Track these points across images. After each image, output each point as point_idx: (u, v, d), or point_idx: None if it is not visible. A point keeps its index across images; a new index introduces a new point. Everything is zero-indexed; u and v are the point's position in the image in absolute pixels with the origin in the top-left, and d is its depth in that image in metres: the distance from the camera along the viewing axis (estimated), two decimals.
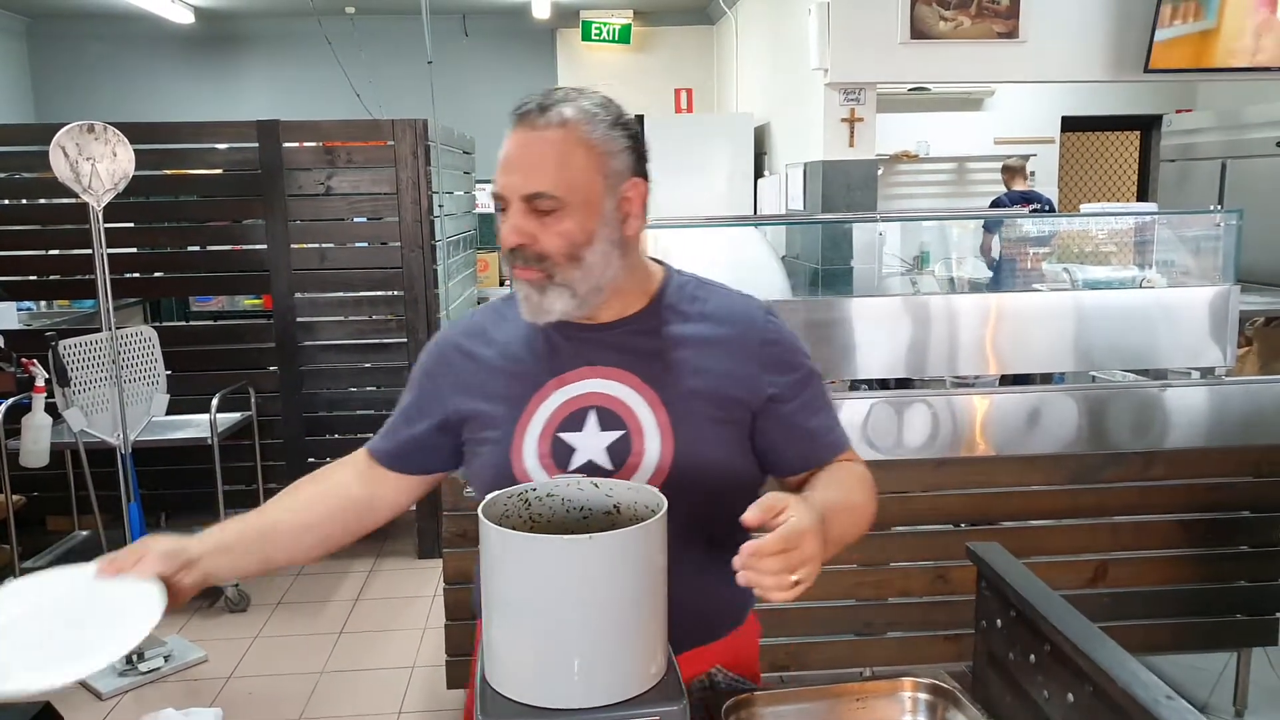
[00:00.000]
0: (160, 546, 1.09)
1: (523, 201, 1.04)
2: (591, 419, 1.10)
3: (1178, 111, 6.51)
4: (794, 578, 0.89)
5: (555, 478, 1.01)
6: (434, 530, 3.74)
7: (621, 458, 1.09)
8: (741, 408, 1.12)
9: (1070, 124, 7.01)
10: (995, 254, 3.96)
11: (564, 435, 1.10)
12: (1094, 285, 3.28)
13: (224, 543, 1.14)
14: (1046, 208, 5.84)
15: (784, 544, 0.88)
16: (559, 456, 1.10)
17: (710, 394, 1.11)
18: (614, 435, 1.10)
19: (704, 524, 1.10)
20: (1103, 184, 7.77)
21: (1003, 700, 1.11)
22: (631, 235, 1.10)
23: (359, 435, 3.78)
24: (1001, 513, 2.39)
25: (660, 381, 1.11)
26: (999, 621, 1.11)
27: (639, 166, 1.10)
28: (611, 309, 1.13)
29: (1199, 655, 2.61)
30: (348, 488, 1.21)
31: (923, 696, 1.13)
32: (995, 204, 5.96)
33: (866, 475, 1.16)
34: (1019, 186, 5.94)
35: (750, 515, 0.90)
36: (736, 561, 0.89)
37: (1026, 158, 6.26)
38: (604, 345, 1.13)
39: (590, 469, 1.09)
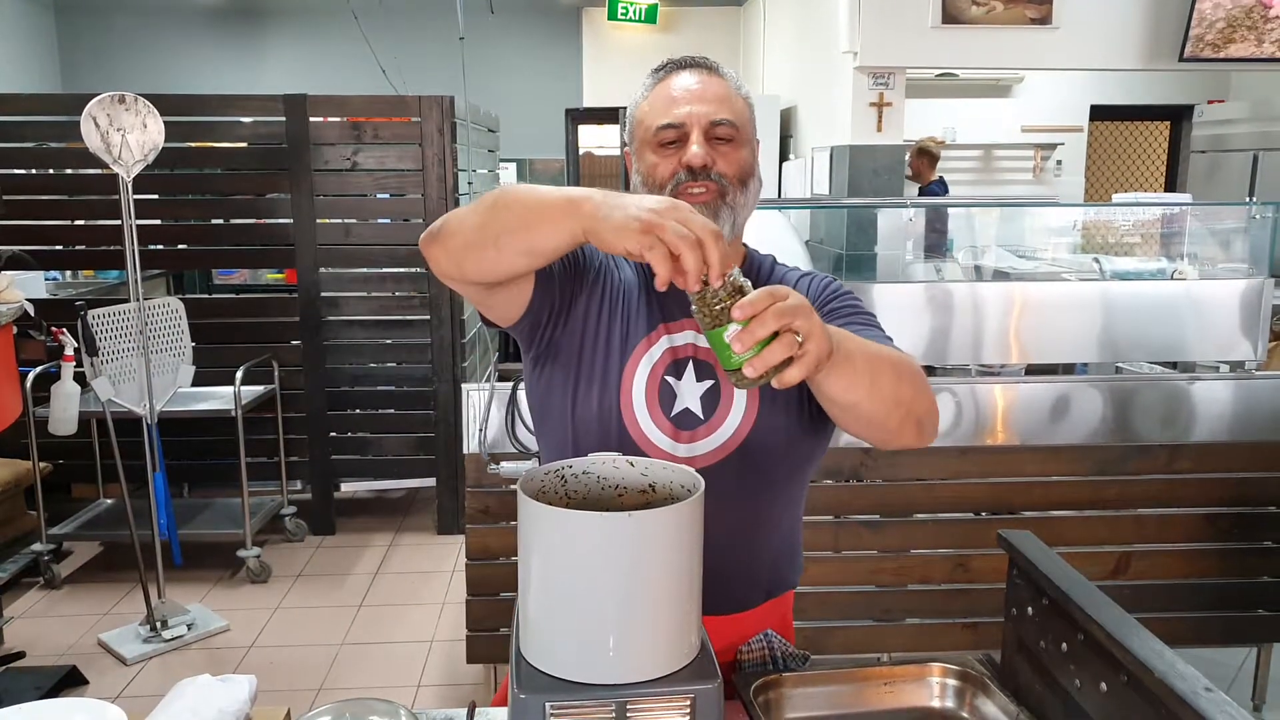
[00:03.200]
0: None
1: (705, 130, 1.13)
2: (689, 368, 1.15)
3: (1210, 102, 6.39)
4: (799, 338, 0.81)
5: (591, 455, 1.01)
6: (453, 507, 3.76)
7: (711, 408, 1.14)
8: None
9: (1099, 113, 6.91)
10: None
11: (669, 379, 1.15)
12: (1123, 276, 3.25)
13: None
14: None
15: (772, 297, 0.81)
16: (663, 399, 1.14)
17: None
18: (708, 384, 1.14)
19: (770, 484, 1.15)
20: (1131, 174, 7.66)
21: (1032, 688, 1.11)
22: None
23: (381, 410, 3.81)
24: (1024, 502, 2.38)
25: None
26: (1030, 609, 1.11)
27: None
28: None
29: (1218, 649, 2.60)
30: None
31: (951, 682, 1.13)
32: (927, 194, 5.67)
33: (907, 358, 1.05)
34: (934, 177, 5.72)
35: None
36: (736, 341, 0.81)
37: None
38: None
39: (686, 416, 1.13)
